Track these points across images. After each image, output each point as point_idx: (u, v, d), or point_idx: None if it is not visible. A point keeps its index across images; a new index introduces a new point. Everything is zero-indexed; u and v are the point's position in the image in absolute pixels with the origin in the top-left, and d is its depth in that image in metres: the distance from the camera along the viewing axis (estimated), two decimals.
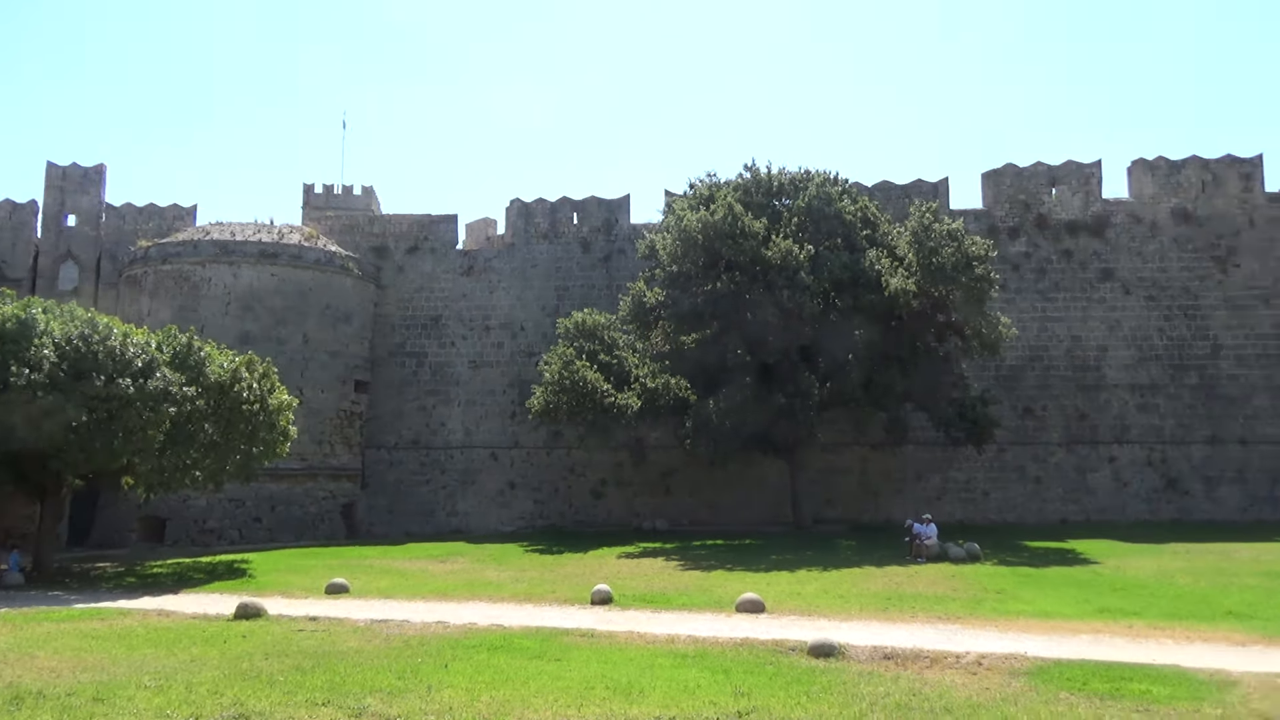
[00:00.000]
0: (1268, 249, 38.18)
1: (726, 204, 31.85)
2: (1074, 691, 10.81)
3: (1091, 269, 38.60)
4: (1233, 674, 11.59)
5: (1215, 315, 37.83)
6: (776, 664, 12.43)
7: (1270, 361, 37.30)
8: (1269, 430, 36.78)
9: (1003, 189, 39.71)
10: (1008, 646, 13.38)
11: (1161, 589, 19.36)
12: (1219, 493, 36.42)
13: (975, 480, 37.33)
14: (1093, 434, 37.43)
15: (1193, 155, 39.33)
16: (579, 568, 24.76)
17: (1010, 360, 37.26)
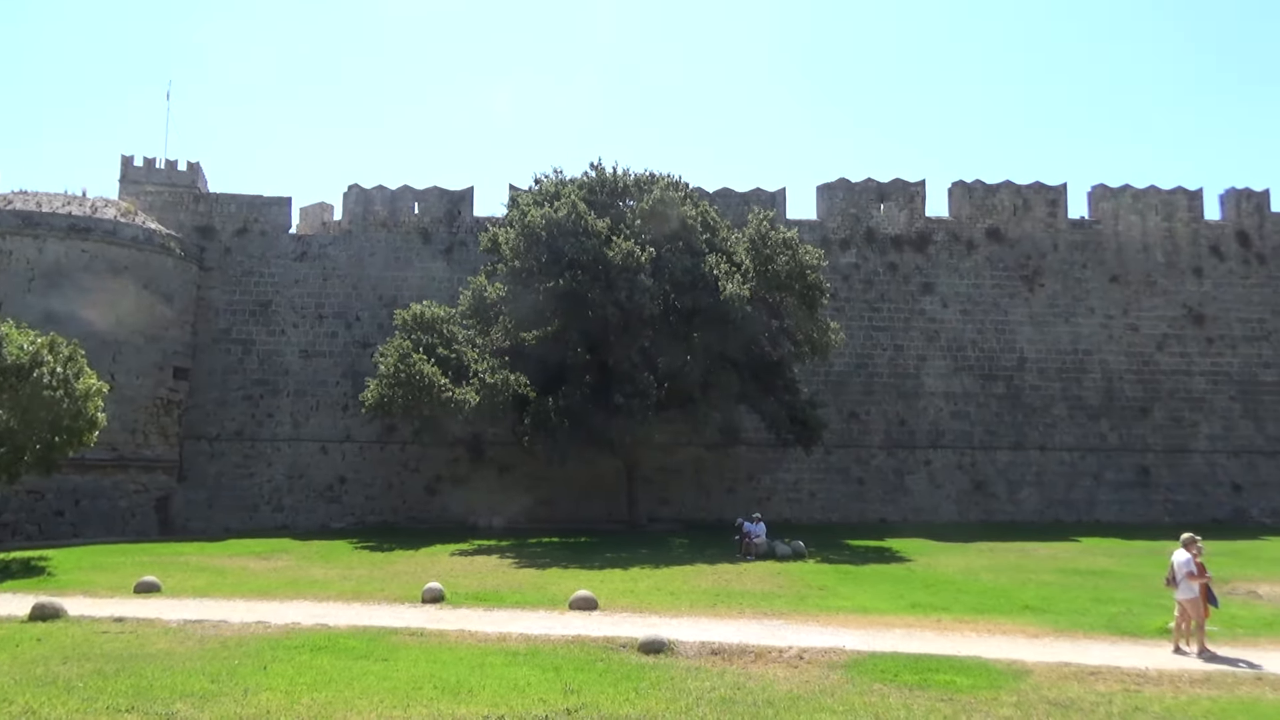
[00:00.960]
0: (1069, 270, 41.38)
1: (571, 202, 31.90)
2: (886, 683, 11.41)
3: (914, 282, 40.81)
4: (1027, 664, 12.50)
5: (1022, 330, 40.71)
6: (607, 661, 12.55)
7: (1068, 375, 40.44)
8: (1065, 438, 39.88)
9: (835, 202, 41.46)
10: (828, 641, 13.97)
11: (968, 585, 20.67)
12: (1020, 495, 39.20)
13: (803, 481, 38.80)
14: (911, 439, 39.58)
15: (1006, 180, 42.20)
16: (410, 565, 24.24)
17: (838, 366, 38.97)
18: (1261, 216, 42.81)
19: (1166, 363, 40.99)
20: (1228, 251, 42.27)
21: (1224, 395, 40.88)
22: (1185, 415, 40.64)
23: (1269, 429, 40.78)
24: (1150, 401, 40.57)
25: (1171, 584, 13.88)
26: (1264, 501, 39.71)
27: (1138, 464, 39.95)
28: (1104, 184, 42.54)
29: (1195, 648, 13.44)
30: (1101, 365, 40.68)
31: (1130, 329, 41.14)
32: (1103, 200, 42.44)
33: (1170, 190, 42.65)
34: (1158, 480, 39.85)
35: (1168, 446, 40.28)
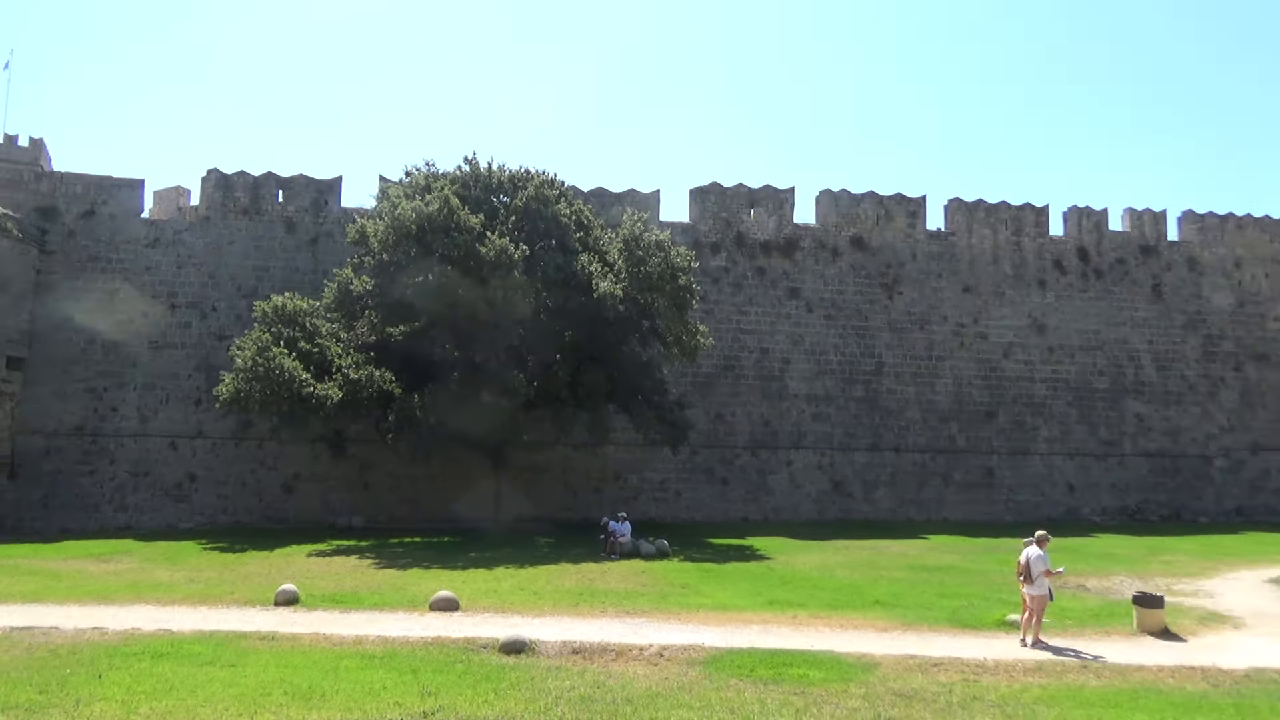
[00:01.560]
0: (925, 280, 43.27)
1: (443, 196, 31.38)
2: (742, 678, 11.68)
3: (781, 287, 41.89)
4: (876, 657, 13.02)
5: (880, 336, 42.34)
6: (467, 662, 12.42)
7: (922, 380, 42.28)
8: (917, 440, 41.68)
9: (708, 206, 42.17)
10: (688, 638, 14.20)
11: (823, 582, 21.35)
12: (876, 495, 40.75)
13: (669, 480, 39.28)
14: (774, 439, 40.60)
15: (870, 191, 43.80)
16: (263, 567, 23.37)
17: (706, 368, 39.63)
18: (1100, 234, 45.75)
19: (1011, 369, 43.35)
20: (1069, 266, 44.99)
21: (1062, 401, 43.52)
22: (1027, 420, 43.08)
23: (1100, 433, 43.64)
24: (996, 406, 42.83)
25: (1025, 579, 14.63)
26: (1094, 501, 42.50)
27: (983, 465, 42.11)
28: (960, 198, 44.63)
29: (1031, 638, 14.26)
30: (953, 371, 42.69)
31: (980, 337, 43.32)
32: (958, 214, 44.53)
33: (1019, 206, 45.09)
34: (1001, 480, 42.11)
35: (1011, 449, 42.61)
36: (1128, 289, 45.37)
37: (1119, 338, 44.79)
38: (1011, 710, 10.24)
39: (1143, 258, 45.90)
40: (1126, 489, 43.31)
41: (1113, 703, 10.71)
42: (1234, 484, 44.65)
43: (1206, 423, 44.97)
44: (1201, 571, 24.17)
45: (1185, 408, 44.87)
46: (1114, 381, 44.32)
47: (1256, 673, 12.33)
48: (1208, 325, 45.97)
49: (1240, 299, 46.66)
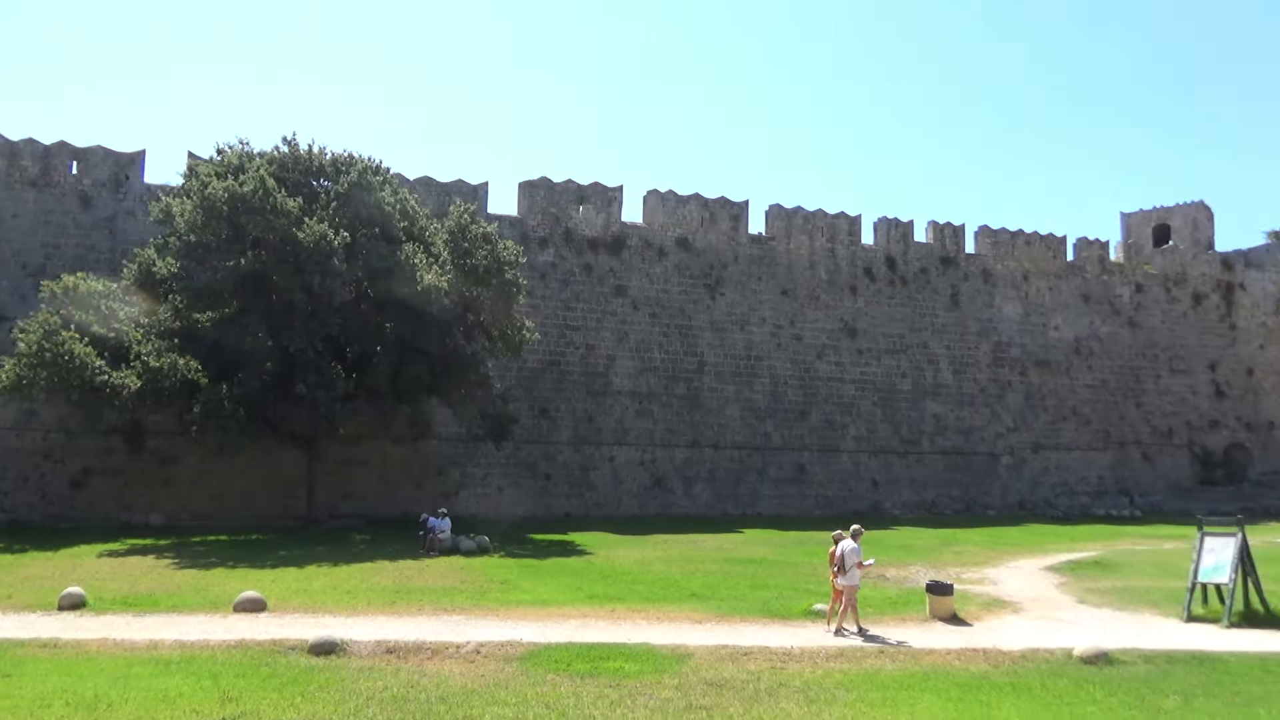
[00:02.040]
0: (746, 282, 44.73)
1: (259, 176, 29.87)
2: (559, 673, 11.75)
3: (608, 284, 42.29)
4: (690, 648, 13.37)
5: (703, 335, 43.46)
6: (273, 665, 11.92)
7: (741, 379, 43.70)
8: (736, 437, 43.06)
9: (537, 200, 42.05)
10: (506, 634, 14.15)
11: (641, 576, 21.72)
12: (695, 490, 41.82)
13: (492, 476, 38.94)
14: (597, 435, 40.96)
15: (696, 193, 44.86)
16: (47, 569, 21.59)
17: (531, 363, 39.54)
18: (906, 244, 48.61)
19: (824, 370, 45.45)
20: (878, 273, 47.58)
21: (869, 401, 46.01)
22: (837, 418, 45.29)
23: (903, 432, 46.42)
24: (809, 405, 44.80)
25: (839, 570, 15.32)
26: (896, 496, 45.18)
27: (796, 462, 43.96)
28: (780, 204, 46.38)
29: (835, 626, 15.02)
30: (770, 371, 44.34)
31: (795, 339, 45.19)
32: (778, 219, 46.25)
33: (835, 215, 47.30)
34: (812, 476, 44.10)
35: (821, 446, 44.68)
36: (929, 297, 48.41)
37: (921, 342, 47.74)
38: (814, 695, 10.76)
39: (943, 268, 49.09)
40: (924, 484, 46.23)
41: (905, 685, 11.43)
42: (1017, 480, 48.47)
43: (995, 423, 48.61)
44: (987, 561, 26.09)
45: (977, 409, 48.32)
46: (915, 383, 47.21)
47: (1031, 653, 13.44)
48: (998, 333, 49.68)
49: (1026, 310, 50.66)
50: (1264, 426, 55.94)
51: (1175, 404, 53.63)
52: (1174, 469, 52.73)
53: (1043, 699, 10.70)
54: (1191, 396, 54.19)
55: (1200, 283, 56.00)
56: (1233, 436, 54.83)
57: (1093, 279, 52.85)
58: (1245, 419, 55.48)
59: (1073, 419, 50.59)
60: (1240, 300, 56.84)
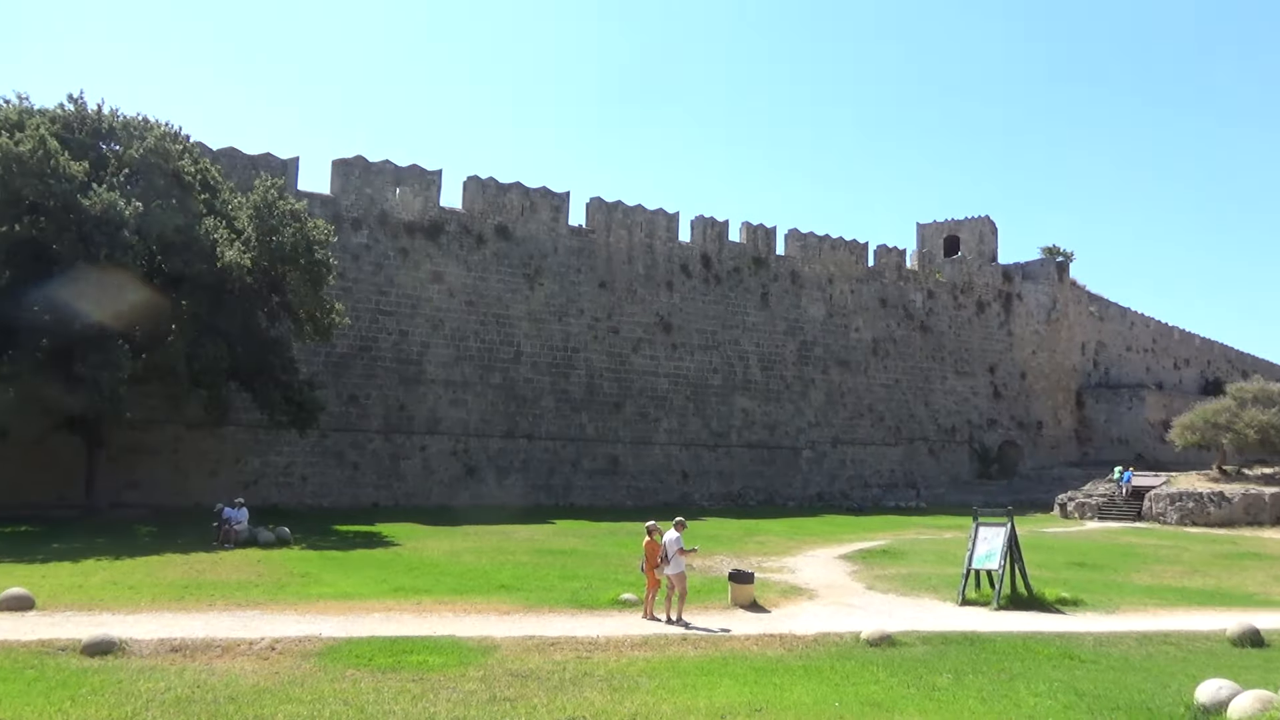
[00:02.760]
0: (565, 274, 44.83)
1: (39, 136, 27.29)
2: (360, 668, 11.40)
3: (424, 270, 41.33)
4: (496, 639, 13.28)
5: (520, 325, 43.24)
6: (40, 667, 10.98)
7: (558, 370, 43.79)
8: (551, 428, 43.13)
9: (351, 180, 40.55)
10: (304, 629, 13.60)
11: (450, 567, 21.40)
12: (508, 481, 41.59)
13: (295, 465, 37.35)
14: (409, 424, 40.02)
15: (518, 181, 44.52)
16: None
17: (341, 348, 38.16)
18: (721, 243, 50.06)
19: (639, 364, 46.21)
20: (694, 270, 48.78)
21: (681, 395, 47.14)
22: (650, 411, 46.16)
23: (713, 425, 47.86)
24: (623, 398, 45.43)
25: (664, 560, 15.55)
26: (705, 487, 46.55)
27: (609, 453, 44.51)
28: (601, 197, 46.75)
29: (667, 615, 15.32)
30: (586, 363, 44.66)
31: (612, 331, 45.70)
32: (598, 212, 46.59)
33: (654, 211, 48.10)
34: (625, 468, 44.78)
35: (635, 438, 45.43)
36: (742, 295, 50.08)
37: (732, 339, 49.33)
38: (618, 683, 10.92)
39: (755, 268, 50.88)
40: (731, 476, 47.86)
41: (706, 670, 11.78)
42: (818, 473, 50.95)
43: (798, 418, 50.88)
44: (787, 550, 27.27)
45: (782, 404, 50.43)
46: (726, 379, 48.75)
47: (823, 637, 14.16)
48: (804, 332, 52.00)
49: (830, 311, 53.27)
50: (1034, 426, 61.21)
51: (959, 403, 57.83)
52: (956, 464, 56.87)
53: (831, 680, 11.28)
54: (973, 397, 58.58)
55: (984, 291, 60.59)
56: (1007, 434, 59.70)
57: (890, 284, 56.17)
58: (1018, 419, 60.52)
59: (869, 415, 53.63)
60: (1017, 309, 61.92)
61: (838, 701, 10.16)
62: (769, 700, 10.19)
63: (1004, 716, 9.66)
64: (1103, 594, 19.06)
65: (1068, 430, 63.78)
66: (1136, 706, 9.97)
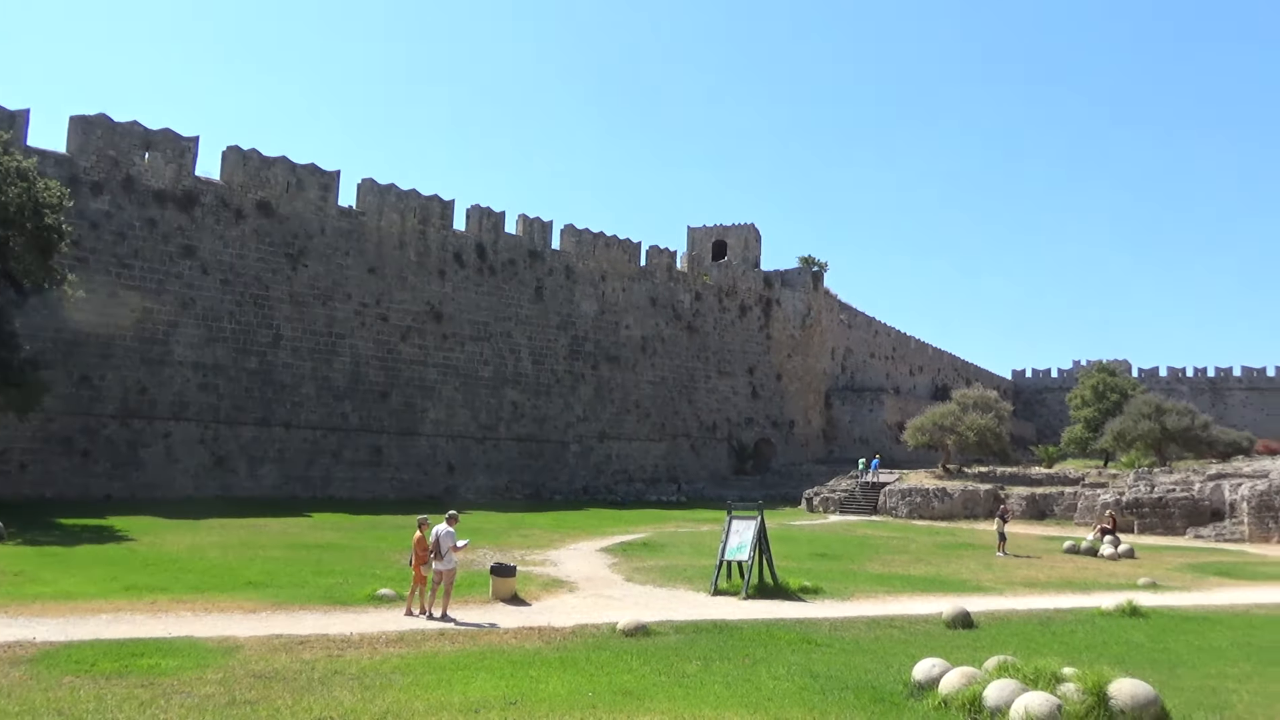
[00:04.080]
0: (332, 256, 43.00)
1: None
2: (80, 674, 10.47)
3: (174, 243, 38.35)
4: (239, 639, 12.58)
5: (281, 308, 41.04)
6: None
7: (319, 355, 41.93)
8: (310, 416, 41.24)
9: (92, 139, 36.92)
10: (16, 634, 12.33)
11: (192, 563, 20.04)
12: (261, 471, 39.39)
13: (13, 452, 33.59)
14: (151, 409, 37.02)
15: (284, 156, 42.19)
16: None
17: (73, 324, 34.71)
18: (497, 234, 49.71)
19: (407, 352, 45.09)
20: (468, 260, 48.15)
21: (450, 386, 46.43)
22: (418, 401, 45.17)
23: (481, 417, 47.47)
24: (390, 387, 44.18)
25: (435, 555, 15.18)
26: (471, 480, 46.11)
27: (373, 444, 43.15)
28: (373, 179, 45.18)
29: (439, 610, 15.01)
30: (351, 350, 43.05)
31: (381, 318, 44.31)
32: (370, 194, 45.01)
33: (429, 197, 47.04)
34: (389, 459, 43.56)
35: (400, 429, 44.29)
36: (516, 288, 49.99)
37: (505, 331, 49.14)
38: (369, 681, 10.62)
39: (530, 261, 50.92)
40: (499, 469, 47.68)
41: (462, 665, 11.68)
42: (584, 467, 51.70)
43: (567, 413, 51.43)
44: (551, 544, 27.51)
45: (552, 398, 50.79)
46: (497, 371, 48.50)
47: (581, 628, 14.40)
48: (576, 328, 52.60)
49: (603, 307, 54.19)
50: (787, 425, 64.97)
51: (720, 402, 60.45)
52: (715, 459, 59.42)
53: (587, 670, 11.50)
54: (733, 396, 61.42)
55: (747, 296, 63.64)
56: (762, 432, 63.04)
57: (661, 284, 57.85)
58: (773, 418, 64.04)
59: (635, 412, 55.01)
60: (775, 314, 65.48)
61: (591, 692, 10.37)
62: (524, 693, 10.26)
63: (746, 699, 10.20)
64: (840, 582, 20.51)
65: (817, 429, 68.19)
66: (863, 685, 10.81)
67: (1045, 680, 9.24)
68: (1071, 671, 9.46)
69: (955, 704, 9.36)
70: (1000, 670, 9.70)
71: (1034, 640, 14.16)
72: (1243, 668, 12.34)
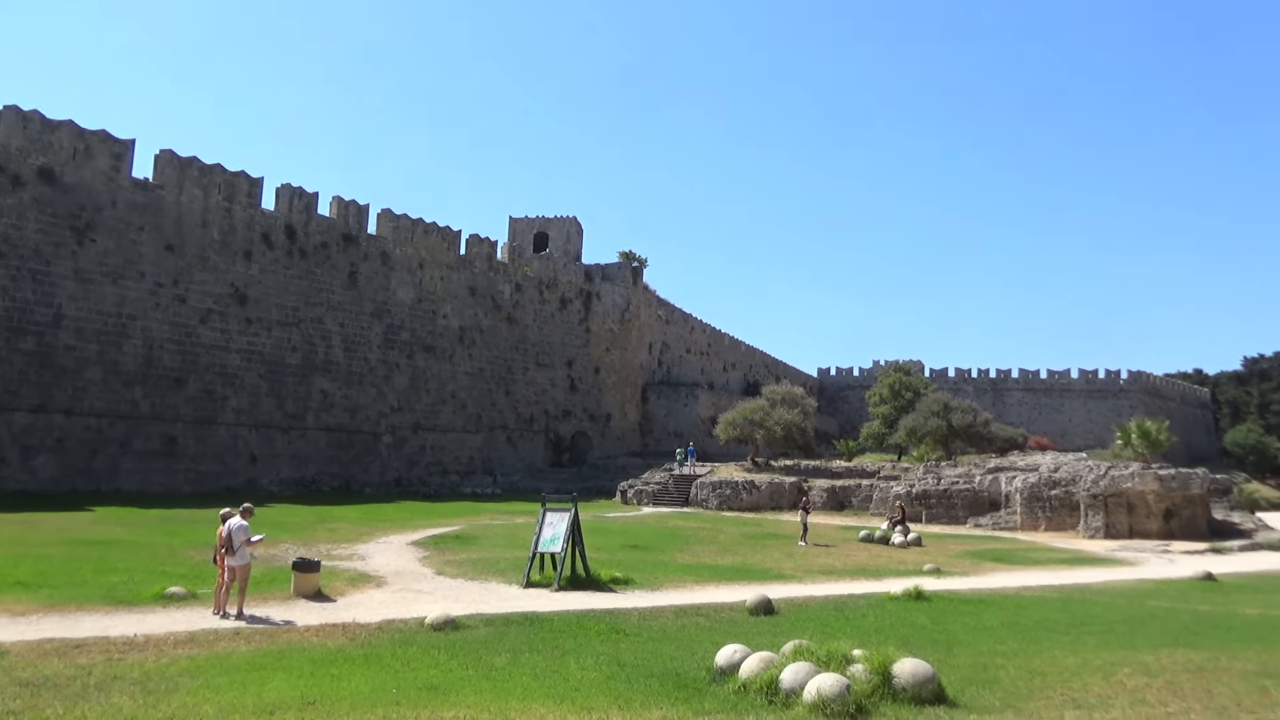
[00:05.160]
0: (125, 231, 39.98)
1: None
2: None
3: None
4: (4, 644, 11.56)
5: (64, 285, 37.82)
6: None
7: (107, 338, 38.92)
8: (96, 404, 38.23)
9: None
10: None
11: None
12: (36, 462, 36.17)
13: None
14: None
15: (70, 120, 38.86)
16: None
17: None
18: (309, 215, 47.67)
19: (207, 337, 42.56)
20: (276, 241, 45.94)
21: (254, 373, 44.18)
22: (218, 389, 42.71)
23: (288, 406, 45.43)
24: (186, 373, 41.57)
25: (227, 550, 14.30)
26: (275, 472, 44.05)
27: (166, 433, 40.48)
28: (173, 150, 42.35)
29: (233, 608, 14.17)
30: (144, 332, 40.21)
31: (178, 300, 41.61)
32: (169, 167, 42.17)
33: (235, 173, 44.54)
34: (184, 450, 40.97)
35: (197, 418, 41.76)
36: (328, 272, 48.14)
37: (315, 317, 47.23)
38: (153, 685, 9.97)
39: (344, 245, 49.17)
40: (306, 461, 45.80)
41: (258, 666, 11.15)
42: (397, 458, 50.45)
43: (380, 403, 50.02)
44: (359, 537, 26.66)
45: (364, 388, 49.27)
46: (306, 358, 46.56)
47: (388, 624, 14.04)
48: (391, 315, 51.24)
49: (420, 296, 53.02)
50: (604, 418, 65.69)
51: (538, 394, 60.40)
52: (532, 451, 59.33)
53: (392, 667, 11.23)
54: (551, 388, 61.49)
55: (567, 289, 63.84)
56: (580, 425, 63.47)
57: (481, 274, 57.17)
58: (590, 411, 64.58)
59: (451, 402, 54.14)
60: (595, 308, 66.03)
61: (395, 688, 10.14)
62: (324, 692, 9.91)
63: (553, 690, 10.25)
64: (650, 573, 20.91)
65: (633, 423, 69.25)
66: (668, 673, 11.07)
67: (837, 662, 9.76)
68: (860, 653, 10.04)
69: (754, 687, 9.73)
70: (796, 654, 10.17)
71: (829, 625, 14.91)
72: (1010, 645, 13.44)
